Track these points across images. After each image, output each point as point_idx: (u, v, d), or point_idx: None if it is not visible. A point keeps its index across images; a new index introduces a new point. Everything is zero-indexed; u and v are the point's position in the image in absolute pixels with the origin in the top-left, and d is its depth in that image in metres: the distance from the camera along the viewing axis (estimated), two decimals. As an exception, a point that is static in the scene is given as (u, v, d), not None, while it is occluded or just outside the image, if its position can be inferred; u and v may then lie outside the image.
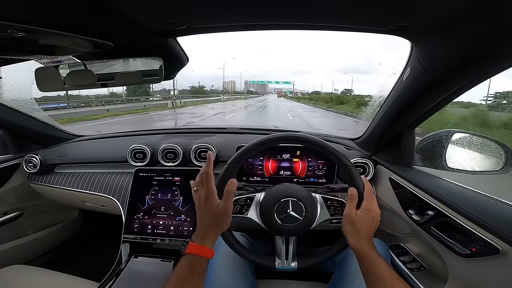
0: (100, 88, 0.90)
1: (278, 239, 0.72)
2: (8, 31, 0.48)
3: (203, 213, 0.54)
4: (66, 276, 0.88)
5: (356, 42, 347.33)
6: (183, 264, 0.50)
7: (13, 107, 1.11)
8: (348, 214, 0.58)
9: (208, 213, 0.53)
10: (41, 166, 1.19)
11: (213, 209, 0.53)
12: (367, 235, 0.56)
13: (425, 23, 0.55)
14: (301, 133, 0.79)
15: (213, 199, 0.53)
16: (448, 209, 0.66)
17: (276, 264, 0.70)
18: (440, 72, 0.61)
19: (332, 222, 0.71)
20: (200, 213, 0.54)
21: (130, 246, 0.99)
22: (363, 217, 0.57)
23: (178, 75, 0.90)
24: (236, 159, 0.67)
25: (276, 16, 0.59)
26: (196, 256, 0.50)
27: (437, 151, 0.84)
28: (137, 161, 1.10)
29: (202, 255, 0.50)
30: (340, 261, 0.78)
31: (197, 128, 1.61)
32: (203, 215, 0.54)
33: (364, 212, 0.57)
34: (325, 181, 1.03)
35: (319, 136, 0.95)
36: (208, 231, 0.53)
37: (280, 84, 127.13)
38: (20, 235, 1.25)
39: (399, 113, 0.81)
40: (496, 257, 0.55)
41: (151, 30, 0.62)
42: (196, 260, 0.50)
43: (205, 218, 0.53)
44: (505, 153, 0.76)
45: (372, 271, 0.52)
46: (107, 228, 1.49)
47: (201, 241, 0.52)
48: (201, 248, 0.51)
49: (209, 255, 0.52)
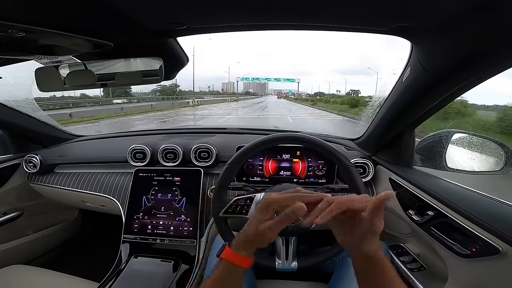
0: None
1: (278, 239, 0.72)
2: (8, 31, 0.48)
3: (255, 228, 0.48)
4: (66, 276, 0.88)
5: (356, 43, 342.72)
6: (221, 274, 0.48)
7: (13, 107, 1.11)
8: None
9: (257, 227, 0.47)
10: (41, 166, 1.19)
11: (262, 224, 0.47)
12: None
13: (425, 24, 0.55)
14: (301, 133, 0.79)
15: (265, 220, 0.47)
16: (448, 209, 0.66)
17: (276, 264, 0.70)
18: (440, 72, 0.61)
19: None
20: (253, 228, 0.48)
21: (130, 246, 0.99)
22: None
23: (178, 75, 0.90)
24: (236, 159, 0.68)
25: (277, 16, 0.59)
26: (234, 265, 0.47)
27: (437, 151, 0.84)
28: (137, 161, 1.10)
29: (240, 265, 0.47)
30: (340, 261, 0.78)
31: (197, 128, 1.62)
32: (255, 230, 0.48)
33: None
34: (325, 181, 1.03)
35: (319, 136, 0.95)
36: (254, 244, 0.49)
37: (281, 82, 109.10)
38: (20, 235, 1.25)
39: (399, 113, 0.81)
40: (496, 257, 0.55)
41: (151, 30, 0.62)
42: (233, 270, 0.47)
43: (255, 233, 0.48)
44: (505, 153, 0.76)
45: (385, 273, 0.44)
46: (107, 228, 1.49)
47: (243, 251, 0.48)
48: (241, 259, 0.48)
49: (248, 265, 0.48)
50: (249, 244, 0.49)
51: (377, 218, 0.41)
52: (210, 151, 1.08)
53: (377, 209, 0.41)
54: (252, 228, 0.48)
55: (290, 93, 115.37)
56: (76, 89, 0.87)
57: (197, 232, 0.96)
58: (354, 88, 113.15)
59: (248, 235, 0.48)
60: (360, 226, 0.42)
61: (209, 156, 1.08)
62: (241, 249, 0.48)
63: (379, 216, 0.41)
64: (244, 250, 0.48)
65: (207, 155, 1.08)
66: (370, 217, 0.41)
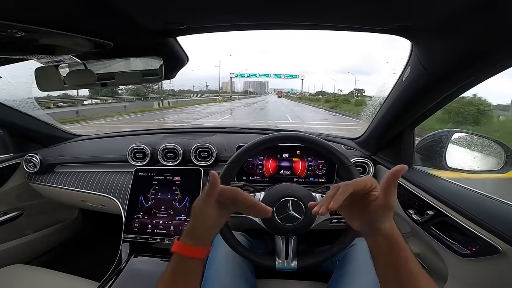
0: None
1: (278, 238, 0.72)
2: (8, 30, 0.48)
3: (204, 215, 0.47)
4: (66, 276, 0.88)
5: (356, 42, 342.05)
6: (168, 267, 0.45)
7: (13, 107, 1.11)
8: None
9: (208, 213, 0.47)
10: (41, 165, 1.19)
11: (213, 210, 0.47)
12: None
13: (425, 23, 0.55)
14: (301, 133, 0.79)
15: (214, 202, 0.47)
16: (448, 209, 0.66)
17: (276, 264, 0.70)
18: (440, 72, 0.61)
19: (332, 222, 0.71)
20: (201, 214, 0.48)
21: (130, 245, 0.99)
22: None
23: (178, 74, 0.90)
24: (236, 158, 0.68)
25: (276, 15, 0.59)
26: (182, 256, 0.45)
27: (437, 151, 0.84)
28: (137, 160, 1.10)
29: (191, 255, 0.45)
30: (340, 261, 0.78)
31: (197, 128, 1.61)
32: (204, 217, 0.47)
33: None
34: (325, 180, 1.03)
35: (319, 136, 0.95)
36: (206, 232, 0.47)
37: (282, 79, 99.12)
38: (20, 235, 1.25)
39: (399, 112, 0.81)
40: (496, 257, 0.55)
41: (151, 30, 0.62)
42: (182, 261, 0.45)
43: (205, 219, 0.47)
44: (505, 153, 0.76)
45: (401, 251, 0.41)
46: (107, 227, 1.49)
47: (196, 241, 0.46)
48: (190, 249, 0.45)
49: (201, 255, 0.46)
50: (193, 231, 0.46)
51: (389, 195, 0.41)
52: (210, 151, 1.08)
53: (389, 185, 0.40)
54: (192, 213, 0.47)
55: (291, 92, 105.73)
56: (76, 89, 0.87)
57: None
58: (357, 87, 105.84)
59: (190, 221, 0.47)
60: (372, 205, 0.42)
61: (209, 155, 1.08)
62: (187, 238, 0.45)
63: (392, 193, 0.41)
64: (191, 239, 0.45)
65: (207, 154, 1.08)
66: (382, 194, 0.41)
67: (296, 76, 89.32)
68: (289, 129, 2.57)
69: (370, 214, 0.43)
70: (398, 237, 0.42)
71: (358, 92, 60.50)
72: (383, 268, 0.43)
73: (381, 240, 0.42)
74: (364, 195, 0.43)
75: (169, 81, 24.81)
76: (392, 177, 0.40)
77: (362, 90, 66.32)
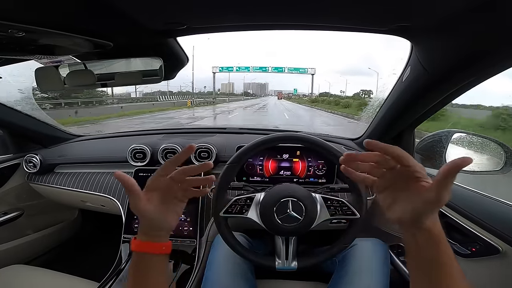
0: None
1: (278, 239, 0.72)
2: (8, 31, 0.48)
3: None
4: (66, 276, 0.88)
5: (358, 43, 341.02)
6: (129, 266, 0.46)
7: (13, 107, 1.11)
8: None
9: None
10: (41, 166, 1.19)
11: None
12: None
13: (425, 23, 0.55)
14: (301, 133, 0.79)
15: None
16: (448, 209, 0.66)
17: (276, 264, 0.70)
18: (440, 72, 0.61)
19: (332, 222, 0.71)
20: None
21: (130, 246, 0.99)
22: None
23: (178, 75, 0.90)
24: (236, 159, 0.68)
25: (276, 16, 0.59)
26: (139, 253, 0.45)
27: (437, 151, 0.84)
28: (137, 161, 1.10)
29: (145, 251, 0.45)
30: (340, 261, 0.78)
31: (197, 128, 1.62)
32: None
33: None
34: (325, 181, 1.03)
35: (319, 136, 0.95)
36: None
37: (284, 75, 76.96)
38: (20, 235, 1.25)
39: (399, 113, 0.81)
40: (496, 257, 0.55)
41: (151, 30, 0.62)
42: (140, 258, 0.46)
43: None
44: (505, 153, 0.76)
45: (444, 248, 0.38)
46: (107, 228, 1.49)
47: (151, 237, 0.46)
48: (140, 244, 0.45)
49: (158, 250, 0.45)
50: (143, 230, 0.46)
51: (444, 189, 0.34)
52: (210, 151, 1.08)
53: (446, 178, 0.34)
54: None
55: (295, 93, 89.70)
56: (76, 89, 0.87)
57: (197, 232, 0.96)
58: (355, 89, 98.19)
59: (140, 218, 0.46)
60: (421, 196, 0.36)
61: (209, 156, 1.08)
62: (141, 235, 0.46)
63: (447, 187, 0.34)
64: (144, 235, 0.45)
65: (207, 155, 1.08)
66: (436, 186, 0.34)
67: (304, 70, 63.07)
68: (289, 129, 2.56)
69: (415, 205, 0.37)
70: (439, 232, 0.38)
71: (365, 94, 53.80)
72: (417, 263, 0.39)
73: (421, 235, 0.38)
74: (415, 179, 0.37)
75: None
76: (452, 170, 0.33)
77: (370, 92, 56.67)
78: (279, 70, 61.84)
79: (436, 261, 0.37)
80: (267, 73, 63.02)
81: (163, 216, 0.45)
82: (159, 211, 0.44)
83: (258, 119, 14.25)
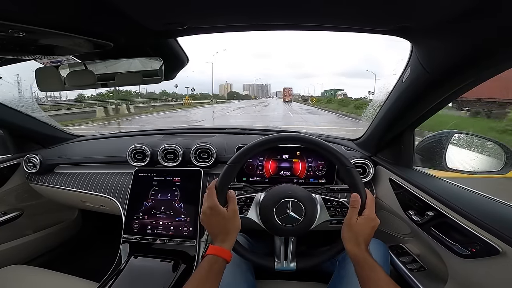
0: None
1: (277, 239, 0.72)
2: (9, 31, 0.48)
3: (215, 222, 0.60)
4: (66, 276, 0.88)
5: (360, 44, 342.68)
6: (204, 264, 0.55)
7: (13, 107, 1.11)
8: (349, 219, 0.59)
9: (218, 220, 0.59)
10: (41, 166, 1.19)
11: (222, 215, 0.59)
12: (365, 242, 0.58)
13: (425, 24, 0.55)
14: (301, 134, 0.79)
15: (219, 208, 0.59)
16: (448, 210, 0.66)
17: (275, 265, 0.70)
18: (440, 73, 0.61)
19: (332, 223, 0.71)
20: (212, 224, 0.60)
21: (130, 246, 0.99)
22: (363, 223, 0.59)
23: (178, 76, 0.90)
24: (236, 159, 0.67)
25: (277, 16, 0.59)
26: (215, 256, 0.55)
27: (437, 152, 0.84)
28: (137, 161, 1.10)
29: (220, 255, 0.55)
30: (340, 261, 0.78)
31: (197, 129, 1.62)
32: (215, 224, 0.60)
33: (366, 220, 0.59)
34: (325, 181, 1.03)
35: (319, 137, 0.95)
36: (225, 235, 0.59)
37: (286, 77, 68.51)
38: (20, 235, 1.25)
39: (399, 113, 0.81)
40: (496, 257, 0.55)
41: (151, 30, 0.62)
42: (215, 261, 0.55)
43: (218, 226, 0.59)
44: (505, 153, 0.76)
45: (370, 277, 0.53)
46: (107, 228, 1.49)
47: (221, 243, 0.58)
48: (220, 250, 0.56)
49: (228, 257, 0.57)
50: (228, 235, 0.59)
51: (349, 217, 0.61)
52: (210, 151, 1.08)
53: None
54: (214, 221, 0.60)
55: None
56: (76, 89, 0.87)
57: (197, 232, 0.96)
58: (355, 91, 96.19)
59: (218, 228, 0.60)
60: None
61: (209, 156, 1.08)
62: (224, 241, 0.58)
63: (350, 216, 0.60)
64: (228, 242, 0.58)
65: (207, 155, 1.08)
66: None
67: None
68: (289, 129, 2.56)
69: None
70: (363, 259, 0.56)
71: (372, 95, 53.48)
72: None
73: (352, 258, 0.58)
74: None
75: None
76: (352, 203, 0.61)
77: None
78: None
79: (367, 278, 0.54)
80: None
81: (230, 226, 0.60)
82: (224, 223, 0.60)
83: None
